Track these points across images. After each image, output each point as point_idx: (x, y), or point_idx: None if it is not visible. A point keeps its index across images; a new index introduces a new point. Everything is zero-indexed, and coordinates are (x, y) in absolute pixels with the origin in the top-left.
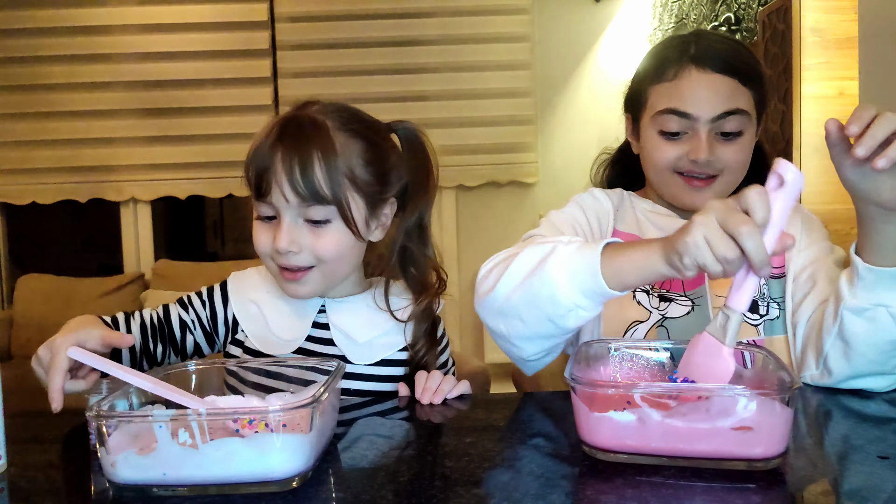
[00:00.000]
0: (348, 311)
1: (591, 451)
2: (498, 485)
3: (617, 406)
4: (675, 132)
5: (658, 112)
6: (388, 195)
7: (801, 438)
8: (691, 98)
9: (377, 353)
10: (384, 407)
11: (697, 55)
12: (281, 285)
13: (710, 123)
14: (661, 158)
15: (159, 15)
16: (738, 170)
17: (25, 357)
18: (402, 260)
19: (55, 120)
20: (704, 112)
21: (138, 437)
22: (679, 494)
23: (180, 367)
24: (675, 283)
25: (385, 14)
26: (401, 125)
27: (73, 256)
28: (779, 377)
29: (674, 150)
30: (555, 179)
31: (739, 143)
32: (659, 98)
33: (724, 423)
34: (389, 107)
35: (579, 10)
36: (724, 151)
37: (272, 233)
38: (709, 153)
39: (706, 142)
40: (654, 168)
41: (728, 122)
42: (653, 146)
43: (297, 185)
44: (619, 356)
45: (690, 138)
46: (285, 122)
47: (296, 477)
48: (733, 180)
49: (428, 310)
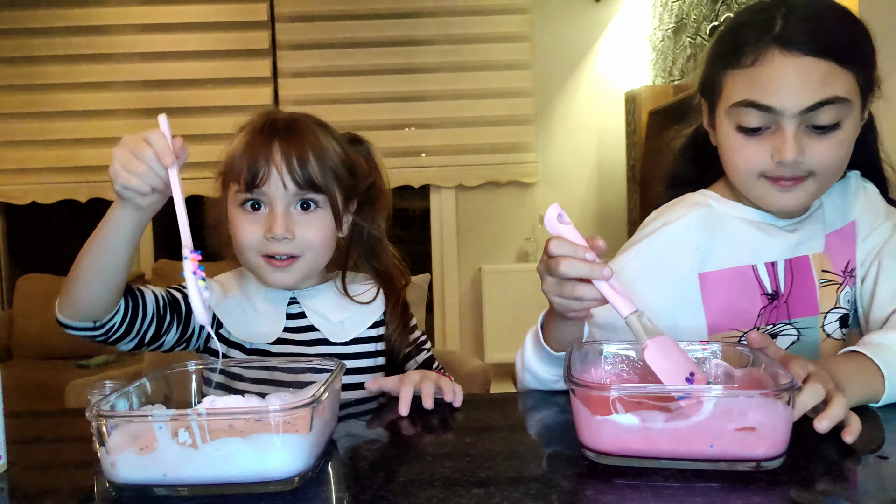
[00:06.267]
0: (318, 298)
1: (592, 456)
2: (498, 485)
3: (618, 409)
4: (755, 128)
5: (735, 104)
6: (357, 191)
7: (801, 438)
8: (774, 88)
9: (350, 332)
10: (384, 407)
11: (783, 35)
12: (264, 276)
13: (799, 117)
14: (743, 164)
15: (159, 15)
16: (835, 169)
17: (25, 357)
18: (367, 254)
19: (55, 120)
20: (791, 104)
21: (138, 437)
22: (679, 494)
23: (180, 367)
24: (780, 312)
25: (385, 14)
26: (355, 137)
27: (73, 256)
28: (775, 376)
29: (756, 152)
30: (555, 179)
31: (836, 137)
32: (735, 87)
33: (727, 424)
34: (389, 107)
35: (579, 10)
36: (817, 149)
37: (259, 224)
38: (797, 153)
39: (793, 139)
40: (735, 170)
41: (821, 113)
42: (731, 145)
43: (295, 173)
44: (611, 357)
45: (774, 134)
46: (272, 121)
47: (296, 477)
48: (829, 180)
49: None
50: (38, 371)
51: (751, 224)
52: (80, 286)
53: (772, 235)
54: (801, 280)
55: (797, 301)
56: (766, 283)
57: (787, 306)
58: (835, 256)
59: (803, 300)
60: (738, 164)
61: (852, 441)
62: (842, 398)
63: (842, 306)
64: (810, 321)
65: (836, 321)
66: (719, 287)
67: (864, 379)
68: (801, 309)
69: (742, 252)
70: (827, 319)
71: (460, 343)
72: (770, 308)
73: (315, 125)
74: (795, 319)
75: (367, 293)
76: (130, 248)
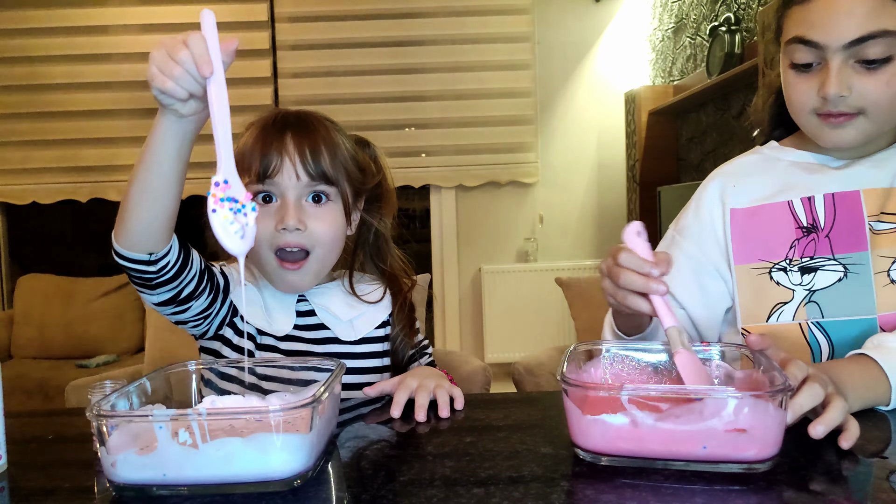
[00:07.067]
0: (327, 296)
1: (583, 455)
2: (498, 485)
3: (610, 409)
4: (805, 63)
5: (788, 41)
6: (366, 188)
7: (797, 439)
8: (820, 22)
9: (359, 331)
10: (385, 407)
11: None
12: (278, 280)
13: (844, 51)
14: (794, 98)
15: (159, 15)
16: (886, 106)
17: (25, 357)
18: (374, 255)
19: (55, 120)
20: (834, 38)
21: (138, 437)
22: (680, 494)
23: (180, 367)
24: (821, 247)
25: (385, 14)
26: (360, 139)
27: (73, 256)
28: (772, 378)
29: (807, 88)
30: (555, 179)
31: (887, 72)
32: (790, 24)
33: (717, 425)
34: (389, 107)
35: (579, 10)
36: (866, 84)
37: (271, 217)
38: (839, 87)
39: (837, 74)
40: (791, 108)
41: (869, 47)
42: (786, 82)
43: (308, 164)
44: (610, 357)
45: (822, 70)
46: (284, 115)
47: (296, 477)
48: (883, 118)
49: (407, 305)
50: (38, 371)
51: (798, 166)
52: (132, 210)
53: (816, 173)
54: (846, 214)
55: (842, 236)
56: (801, 217)
57: (829, 241)
58: None
59: (849, 235)
60: (792, 100)
61: (848, 447)
62: (840, 402)
63: None
64: (859, 257)
65: None
66: (749, 220)
67: (867, 383)
68: (846, 244)
69: (779, 189)
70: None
71: (460, 343)
72: (806, 241)
73: (325, 121)
74: (840, 255)
75: (375, 293)
76: (179, 163)
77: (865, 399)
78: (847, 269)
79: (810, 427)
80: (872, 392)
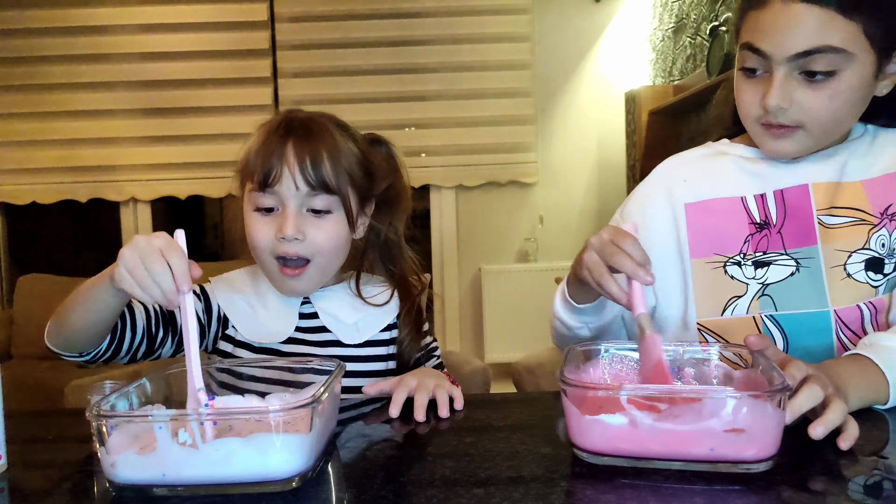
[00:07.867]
0: (332, 299)
1: (582, 455)
2: (498, 485)
3: (609, 409)
4: (752, 69)
5: (740, 45)
6: (373, 193)
7: (796, 439)
8: (769, 32)
9: (363, 335)
10: (385, 407)
11: None
12: (279, 284)
13: (789, 63)
14: (742, 105)
15: (159, 15)
16: (826, 121)
17: (25, 357)
18: (384, 257)
19: (55, 120)
20: (780, 50)
21: (138, 437)
22: (680, 494)
23: (180, 367)
24: (773, 242)
25: (385, 14)
26: (376, 138)
27: (73, 256)
28: (770, 378)
29: (752, 95)
30: (555, 179)
31: (830, 88)
32: (745, 29)
33: (716, 425)
34: (389, 107)
35: (579, 10)
36: (808, 98)
37: (272, 225)
38: (780, 99)
39: (780, 86)
40: (739, 112)
41: (814, 61)
42: (736, 85)
43: (307, 174)
44: (609, 357)
45: (768, 78)
46: (289, 120)
47: (296, 477)
48: (822, 133)
49: (416, 309)
50: (38, 371)
51: (747, 160)
52: (67, 328)
53: (765, 168)
54: (795, 210)
55: (792, 231)
56: (754, 213)
57: (780, 236)
58: (875, 193)
59: (799, 230)
60: (739, 104)
61: (847, 448)
62: (840, 403)
63: (872, 248)
64: (809, 251)
65: (861, 262)
66: (704, 215)
67: (865, 382)
68: (796, 239)
69: (730, 184)
70: (851, 259)
71: (460, 343)
72: (759, 236)
73: (333, 126)
74: (792, 250)
75: (382, 295)
76: (119, 311)
77: (865, 398)
78: (799, 264)
79: (810, 428)
80: (871, 391)
